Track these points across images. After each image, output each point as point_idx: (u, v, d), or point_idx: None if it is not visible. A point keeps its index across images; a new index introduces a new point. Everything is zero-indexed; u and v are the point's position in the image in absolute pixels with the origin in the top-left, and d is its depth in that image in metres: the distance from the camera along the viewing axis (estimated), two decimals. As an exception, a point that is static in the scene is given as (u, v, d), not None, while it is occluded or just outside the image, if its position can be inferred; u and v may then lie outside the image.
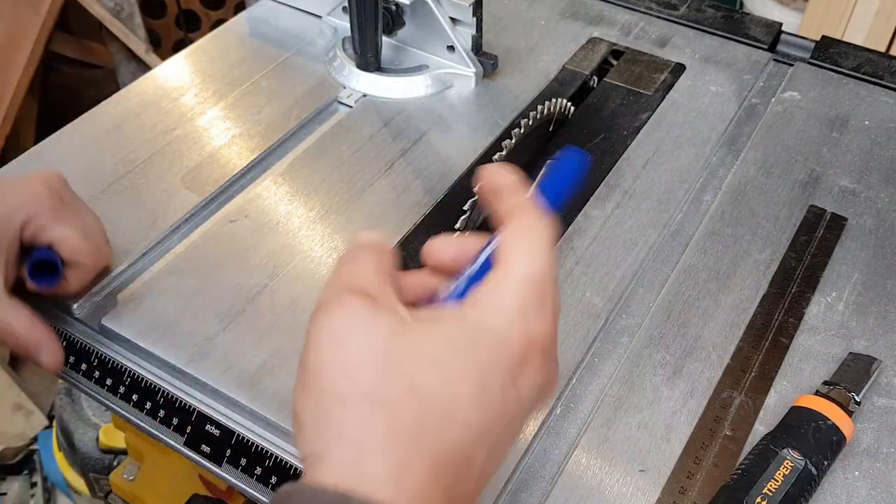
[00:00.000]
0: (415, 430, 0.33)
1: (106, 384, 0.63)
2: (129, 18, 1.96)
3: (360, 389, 0.33)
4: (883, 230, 0.72)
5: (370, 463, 0.32)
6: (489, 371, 0.34)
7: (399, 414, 0.33)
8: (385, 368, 0.33)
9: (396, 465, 0.32)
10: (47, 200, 0.59)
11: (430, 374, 0.33)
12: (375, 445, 0.32)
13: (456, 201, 0.72)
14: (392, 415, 0.33)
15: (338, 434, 0.33)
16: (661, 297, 0.66)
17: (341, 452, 0.33)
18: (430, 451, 0.33)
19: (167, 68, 0.88)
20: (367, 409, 0.33)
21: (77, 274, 0.62)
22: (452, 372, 0.34)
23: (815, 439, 0.55)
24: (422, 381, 0.33)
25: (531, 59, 0.90)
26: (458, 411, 0.33)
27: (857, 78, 0.88)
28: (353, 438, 0.33)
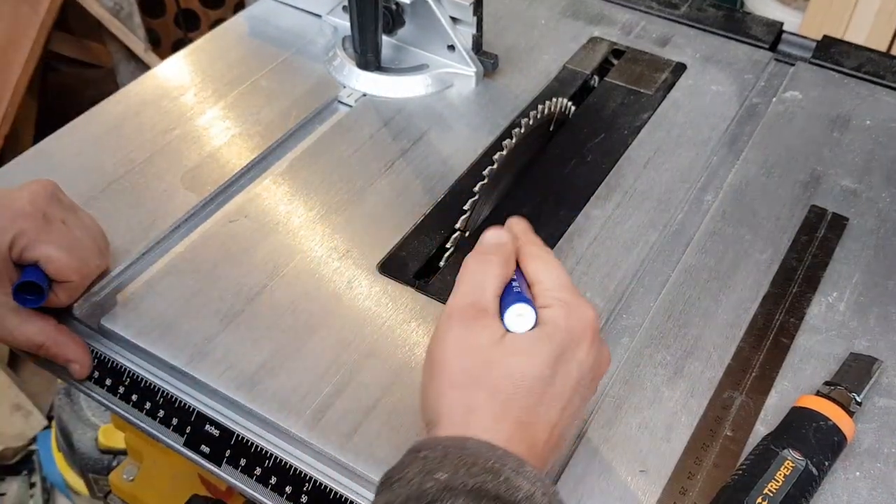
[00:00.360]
0: (505, 400, 0.45)
1: (105, 384, 0.63)
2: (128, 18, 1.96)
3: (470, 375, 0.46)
4: (884, 230, 0.72)
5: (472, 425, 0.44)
6: (558, 354, 0.47)
7: (496, 391, 0.45)
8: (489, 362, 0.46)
9: (489, 425, 0.45)
10: (31, 220, 0.59)
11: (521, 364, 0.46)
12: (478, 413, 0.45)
13: (456, 201, 0.72)
14: (491, 392, 0.45)
15: (451, 405, 0.46)
16: (662, 297, 0.66)
17: (454, 416, 0.45)
18: (516, 415, 0.45)
19: (166, 68, 0.87)
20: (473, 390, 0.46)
21: (65, 290, 0.62)
22: (536, 361, 0.46)
23: (815, 440, 0.54)
24: (514, 368, 0.46)
25: (532, 59, 0.90)
26: (536, 387, 0.46)
27: (858, 78, 0.87)
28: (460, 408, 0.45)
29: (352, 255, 0.68)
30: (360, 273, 0.67)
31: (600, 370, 0.50)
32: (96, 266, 0.63)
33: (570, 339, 0.47)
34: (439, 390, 0.47)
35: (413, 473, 0.42)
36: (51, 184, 0.63)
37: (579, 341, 0.48)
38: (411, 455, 0.43)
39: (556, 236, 0.70)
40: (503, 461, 0.42)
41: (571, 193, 0.74)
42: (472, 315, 0.48)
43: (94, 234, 0.65)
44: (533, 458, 0.45)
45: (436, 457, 0.42)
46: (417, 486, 0.41)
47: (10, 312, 0.61)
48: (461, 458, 0.42)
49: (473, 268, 0.50)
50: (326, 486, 0.55)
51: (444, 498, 0.40)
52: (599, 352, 0.49)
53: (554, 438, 0.47)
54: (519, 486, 0.41)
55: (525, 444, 0.45)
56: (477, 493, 0.40)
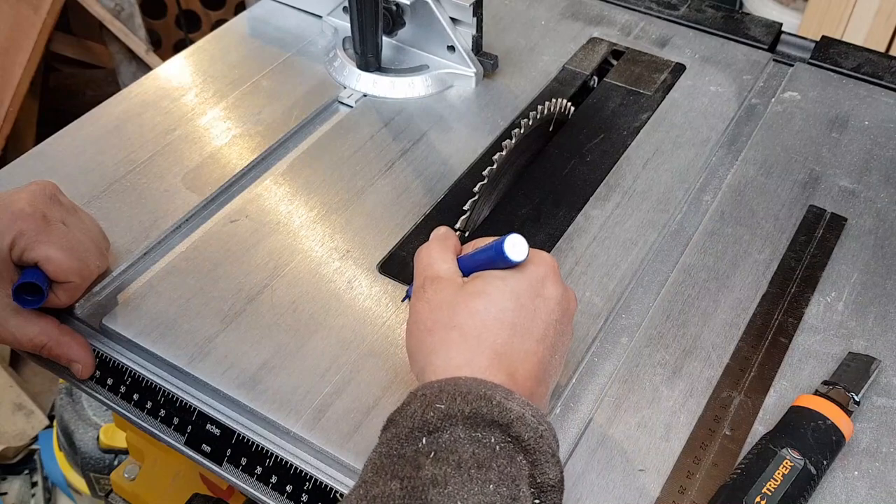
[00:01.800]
0: (478, 335, 0.50)
1: (107, 384, 0.63)
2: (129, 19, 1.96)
3: (440, 321, 0.51)
4: (882, 230, 0.72)
5: (453, 361, 0.49)
6: (520, 291, 0.51)
7: (466, 329, 0.50)
8: (452, 307, 0.51)
9: (469, 357, 0.49)
10: (31, 221, 0.59)
11: (480, 301, 0.51)
12: (454, 349, 0.49)
13: (456, 201, 0.72)
14: (462, 330, 0.50)
15: (431, 350, 0.50)
16: (661, 297, 0.66)
17: (437, 359, 0.49)
18: (490, 345, 0.49)
19: (168, 68, 0.88)
20: (446, 331, 0.50)
21: (66, 290, 0.62)
22: (496, 297, 0.51)
23: (814, 439, 0.55)
24: (476, 306, 0.51)
25: (531, 59, 0.90)
26: (504, 319, 0.50)
27: (856, 78, 0.88)
28: (441, 349, 0.50)
29: (352, 254, 0.69)
30: (361, 273, 0.67)
31: (570, 307, 0.54)
32: (96, 266, 0.64)
33: (529, 278, 0.52)
34: (419, 340, 0.51)
35: (415, 407, 0.46)
36: (50, 185, 0.63)
37: (542, 279, 0.52)
38: (411, 396, 0.47)
39: (556, 236, 0.71)
40: (494, 390, 0.46)
41: (571, 193, 0.75)
42: (427, 285, 0.53)
43: (95, 235, 0.65)
44: (516, 386, 0.48)
45: (433, 392, 0.46)
46: (420, 417, 0.45)
47: (11, 313, 0.61)
48: (456, 390, 0.46)
49: (418, 256, 0.56)
50: (327, 485, 0.55)
51: (444, 426, 0.45)
52: (565, 289, 0.54)
53: (535, 370, 0.50)
54: (510, 408, 0.45)
55: (504, 373, 0.49)
56: (473, 417, 0.45)
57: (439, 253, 0.56)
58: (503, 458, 0.44)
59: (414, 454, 0.44)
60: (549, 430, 0.47)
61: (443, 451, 0.44)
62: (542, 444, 0.45)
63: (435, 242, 0.57)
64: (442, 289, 0.52)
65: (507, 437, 0.45)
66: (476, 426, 0.45)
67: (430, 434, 0.45)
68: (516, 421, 0.45)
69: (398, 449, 0.45)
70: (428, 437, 0.45)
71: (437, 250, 0.56)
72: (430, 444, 0.44)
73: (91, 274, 0.63)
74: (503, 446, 0.45)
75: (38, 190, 0.62)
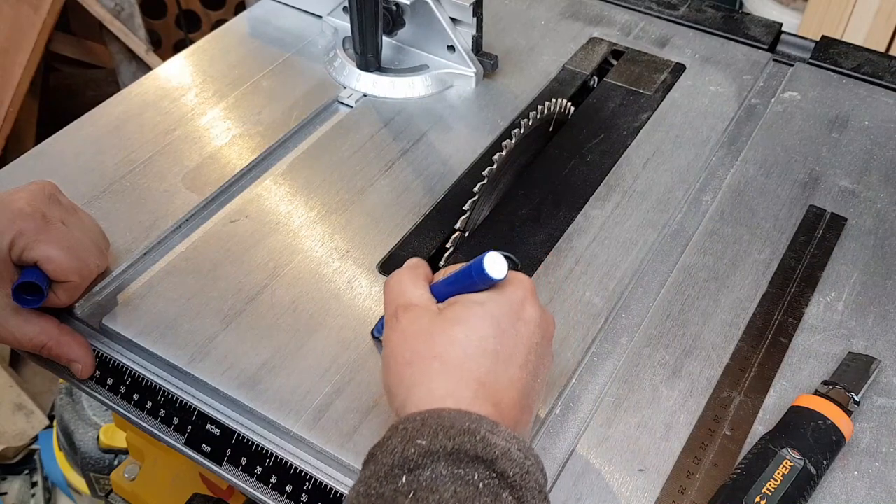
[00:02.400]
0: (460, 364, 0.48)
1: (107, 384, 0.63)
2: (129, 19, 1.96)
3: (419, 352, 0.49)
4: (882, 230, 0.72)
5: (435, 392, 0.47)
6: (500, 315, 0.49)
7: (447, 359, 0.48)
8: (431, 336, 0.49)
9: (451, 388, 0.47)
10: (30, 221, 0.59)
11: (460, 329, 0.49)
12: (436, 381, 0.47)
13: (456, 201, 0.72)
14: (443, 360, 0.48)
15: (411, 383, 0.48)
16: (661, 297, 0.66)
17: (417, 392, 0.47)
18: (474, 375, 0.47)
19: (168, 68, 0.88)
20: (426, 362, 0.48)
21: (65, 290, 0.62)
22: (475, 324, 0.49)
23: (814, 439, 0.55)
24: (456, 334, 0.49)
25: (531, 59, 0.90)
26: (486, 346, 0.48)
27: (856, 78, 0.88)
28: (422, 381, 0.48)
29: (352, 254, 0.69)
30: (361, 273, 0.67)
31: (549, 329, 0.53)
32: (96, 266, 0.64)
33: (509, 300, 0.50)
34: (398, 375, 0.49)
35: (396, 443, 0.44)
36: (50, 184, 0.63)
37: (522, 301, 0.51)
38: (392, 430, 0.46)
39: (556, 236, 0.71)
40: (478, 423, 0.44)
41: (571, 193, 0.75)
42: (400, 314, 0.51)
43: (94, 235, 0.65)
44: (501, 416, 0.47)
45: (415, 426, 0.44)
46: (401, 454, 0.43)
47: (11, 313, 0.61)
48: (439, 424, 0.44)
49: (388, 286, 0.54)
50: (327, 485, 0.55)
51: (425, 463, 0.43)
52: (543, 311, 0.52)
53: (520, 397, 0.49)
54: (495, 443, 0.44)
55: (490, 403, 0.47)
56: (456, 453, 0.43)
57: (410, 280, 0.53)
58: (487, 495, 0.42)
59: (393, 494, 0.42)
60: (537, 463, 0.45)
61: (423, 490, 0.42)
62: (528, 480, 0.44)
63: (405, 270, 0.54)
64: (417, 317, 0.50)
65: (492, 473, 0.43)
66: (459, 462, 0.43)
67: (411, 472, 0.43)
68: (501, 456, 0.43)
69: (377, 488, 0.43)
70: (408, 475, 0.43)
71: (408, 277, 0.53)
72: (411, 483, 0.42)
73: (91, 273, 0.63)
74: (487, 483, 0.43)
75: (37, 190, 0.62)
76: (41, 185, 0.62)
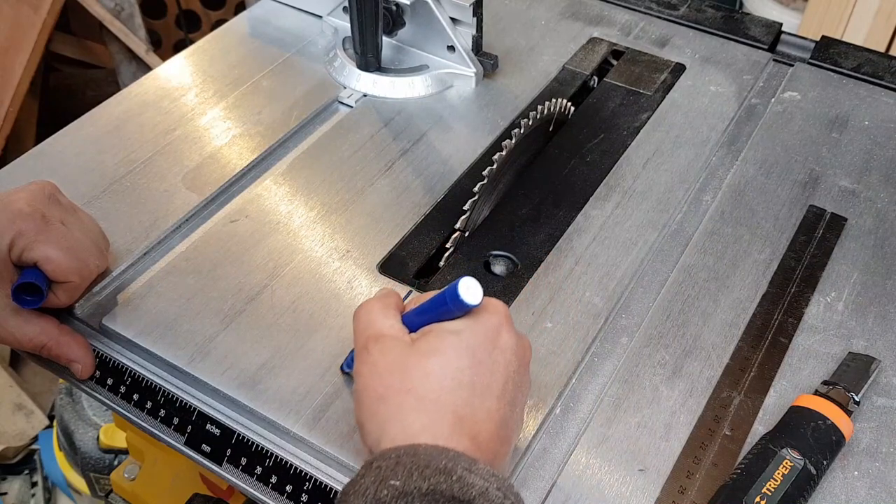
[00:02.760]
0: (436, 398, 0.46)
1: (107, 384, 0.63)
2: (129, 19, 1.96)
3: (392, 386, 0.47)
4: (882, 230, 0.72)
5: (410, 427, 0.45)
6: (475, 344, 0.48)
7: (422, 392, 0.46)
8: (404, 368, 0.47)
9: (427, 423, 0.45)
10: (30, 221, 0.59)
11: (435, 361, 0.47)
12: (412, 415, 0.46)
13: (456, 201, 0.72)
14: (418, 394, 0.46)
15: (385, 419, 0.46)
16: (661, 297, 0.66)
17: (392, 428, 0.46)
18: (450, 408, 0.46)
19: (168, 68, 0.88)
20: (400, 396, 0.46)
21: (65, 290, 0.62)
22: (451, 354, 0.47)
23: (814, 439, 0.55)
24: (431, 366, 0.47)
25: (531, 59, 0.90)
26: (462, 378, 0.47)
27: (856, 78, 0.88)
28: (397, 417, 0.46)
29: (352, 254, 0.69)
30: (361, 273, 0.67)
31: (525, 356, 0.51)
32: (96, 266, 0.63)
33: (484, 328, 0.49)
34: (370, 411, 0.47)
35: (368, 483, 0.42)
36: (49, 184, 0.63)
37: (497, 329, 0.49)
38: (366, 467, 0.44)
39: (556, 236, 0.71)
40: (455, 461, 0.43)
41: (571, 193, 0.75)
42: (371, 346, 0.49)
43: (94, 235, 0.65)
44: (479, 451, 0.46)
45: (389, 465, 0.43)
46: (373, 495, 0.42)
47: (11, 313, 0.61)
48: (414, 463, 0.42)
49: (357, 317, 0.52)
50: (326, 485, 0.55)
51: None
52: (519, 337, 0.51)
53: (498, 429, 0.47)
54: (472, 483, 0.42)
55: (467, 437, 0.46)
56: (432, 494, 0.41)
57: (380, 310, 0.51)
58: None
59: None
60: (516, 502, 0.44)
61: None
62: None
63: (374, 300, 0.53)
64: (389, 348, 0.48)
65: None
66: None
67: None
68: (479, 497, 0.42)
69: None
70: None
71: (378, 307, 0.52)
72: None
73: (90, 274, 0.63)
74: None
75: (37, 190, 0.62)
76: (41, 186, 0.62)
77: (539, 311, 0.65)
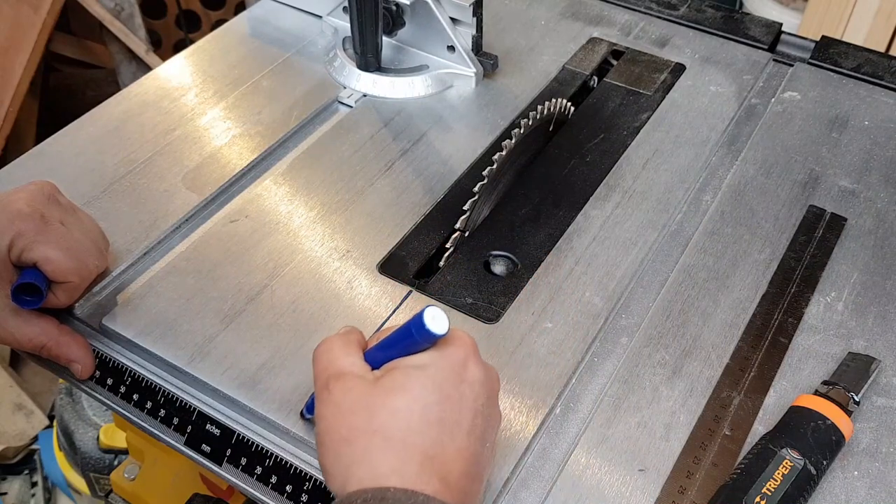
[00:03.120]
0: (403, 438, 0.44)
1: (107, 384, 0.63)
2: (129, 19, 1.96)
3: (357, 427, 0.45)
4: (882, 230, 0.72)
5: (378, 469, 0.43)
6: (442, 379, 0.46)
7: (389, 432, 0.44)
8: (369, 408, 0.45)
9: (396, 465, 0.44)
10: (29, 221, 0.59)
11: (401, 399, 0.45)
12: (379, 457, 0.44)
13: (456, 201, 0.72)
14: (385, 434, 0.44)
15: (351, 461, 0.44)
16: (661, 297, 0.66)
17: (359, 470, 0.44)
18: (419, 448, 0.44)
19: (168, 68, 0.88)
20: (366, 438, 0.45)
21: (65, 290, 0.62)
22: (417, 391, 0.45)
23: (814, 439, 0.55)
24: (397, 404, 0.45)
25: (531, 59, 0.90)
26: (430, 416, 0.45)
27: (856, 78, 0.88)
28: (363, 459, 0.44)
29: (352, 254, 0.69)
30: (361, 273, 0.67)
31: (493, 388, 0.50)
32: (95, 266, 0.63)
33: (451, 361, 0.47)
34: (335, 453, 0.45)
35: None
36: (48, 185, 0.63)
37: (464, 361, 0.47)
38: None
39: (556, 236, 0.71)
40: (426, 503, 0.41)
41: (571, 193, 0.75)
42: (332, 385, 0.47)
43: (93, 235, 0.65)
44: (449, 491, 0.44)
45: None
46: None
47: (11, 314, 0.61)
48: None
49: (316, 356, 0.50)
50: (326, 485, 0.55)
51: None
52: (486, 369, 0.49)
53: (468, 467, 0.46)
54: None
55: (437, 477, 0.44)
56: None
57: (341, 347, 0.49)
58: None
59: None
60: None
61: None
62: None
63: (335, 337, 0.51)
64: (351, 387, 0.46)
65: None
66: None
67: None
68: None
69: None
70: None
71: (339, 344, 0.50)
72: None
73: (90, 274, 0.63)
74: None
75: (36, 190, 0.62)
76: (40, 186, 0.62)
77: (539, 311, 0.65)
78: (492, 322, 0.64)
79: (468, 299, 0.65)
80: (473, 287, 0.66)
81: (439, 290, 0.66)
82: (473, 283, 0.67)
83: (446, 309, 0.64)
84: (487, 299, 0.65)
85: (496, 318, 0.64)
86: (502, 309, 0.65)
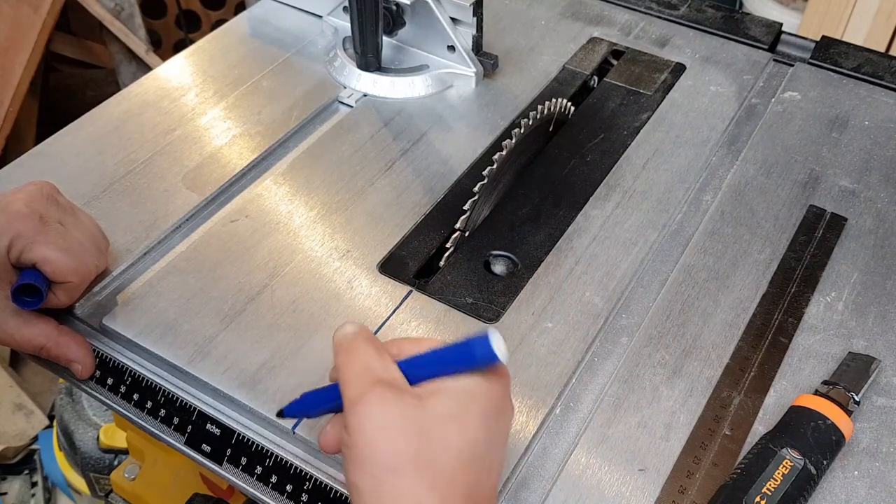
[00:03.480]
0: (451, 477, 0.42)
1: (107, 383, 0.63)
2: (129, 19, 1.96)
3: (405, 454, 0.42)
4: (882, 230, 0.72)
5: None
6: (489, 411, 0.44)
7: (439, 468, 0.42)
8: (420, 435, 0.42)
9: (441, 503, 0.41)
10: (28, 222, 0.59)
11: (455, 430, 0.43)
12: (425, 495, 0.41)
13: (456, 201, 0.72)
14: (435, 470, 0.42)
15: (394, 492, 0.41)
16: (661, 297, 0.66)
17: None
18: (462, 490, 0.42)
19: (168, 68, 0.88)
20: (415, 469, 0.42)
21: (65, 291, 0.62)
22: (470, 423, 0.43)
23: (814, 439, 0.55)
24: (450, 437, 0.42)
25: (531, 59, 0.90)
26: (477, 451, 0.43)
27: (856, 78, 0.88)
28: (409, 493, 0.41)
29: (352, 254, 0.69)
30: (361, 273, 0.67)
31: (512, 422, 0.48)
32: (95, 266, 0.63)
33: (496, 395, 0.45)
34: (375, 479, 0.42)
35: None
36: (48, 185, 0.63)
37: (505, 394, 0.45)
38: None
39: (556, 236, 0.71)
40: None
41: (571, 193, 0.75)
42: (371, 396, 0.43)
43: (93, 235, 0.65)
44: None
45: None
46: None
47: (10, 315, 0.61)
48: None
49: (348, 358, 0.46)
50: (327, 485, 0.55)
51: None
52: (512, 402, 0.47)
53: None
54: None
55: None
56: None
57: (376, 353, 0.45)
58: None
59: None
60: None
61: None
62: None
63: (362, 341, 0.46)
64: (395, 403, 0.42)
65: None
66: None
67: None
68: None
69: None
70: None
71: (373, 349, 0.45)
72: None
73: (90, 274, 0.63)
74: None
75: (35, 190, 0.61)
76: (39, 186, 0.62)
77: (539, 311, 0.65)
78: (492, 322, 0.64)
79: (468, 299, 0.65)
80: (473, 287, 0.66)
81: (439, 290, 0.66)
82: (473, 283, 0.67)
83: (447, 309, 0.64)
84: (487, 299, 0.65)
85: (496, 317, 0.64)
86: (502, 309, 0.65)
